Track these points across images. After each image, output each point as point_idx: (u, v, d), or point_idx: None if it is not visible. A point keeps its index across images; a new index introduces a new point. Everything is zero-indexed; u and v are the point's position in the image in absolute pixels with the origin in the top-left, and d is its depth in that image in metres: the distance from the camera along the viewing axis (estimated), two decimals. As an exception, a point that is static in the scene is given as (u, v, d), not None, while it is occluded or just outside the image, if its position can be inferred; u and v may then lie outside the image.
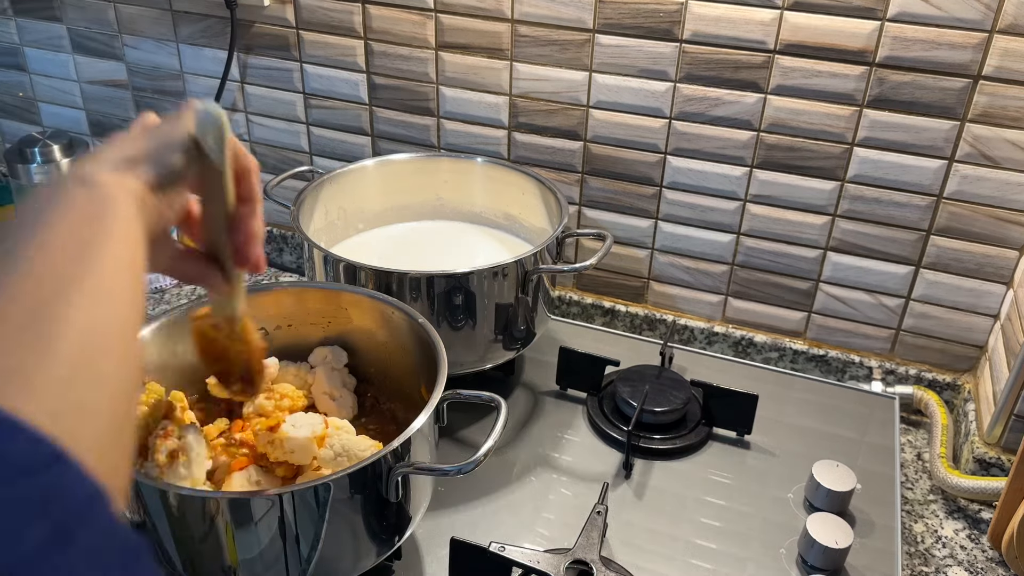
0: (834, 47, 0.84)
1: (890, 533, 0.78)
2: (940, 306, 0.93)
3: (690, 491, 0.82)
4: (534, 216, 0.98)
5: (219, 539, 0.58)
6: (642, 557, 0.74)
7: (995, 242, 0.88)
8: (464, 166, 1.02)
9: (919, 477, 0.88)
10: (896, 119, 0.85)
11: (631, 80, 0.93)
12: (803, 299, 0.99)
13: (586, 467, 0.84)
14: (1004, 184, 0.85)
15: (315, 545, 0.60)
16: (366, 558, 0.64)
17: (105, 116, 1.25)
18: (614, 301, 1.07)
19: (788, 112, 0.89)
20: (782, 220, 0.95)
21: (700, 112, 0.92)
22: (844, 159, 0.89)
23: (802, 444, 0.88)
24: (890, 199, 0.90)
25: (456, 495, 0.80)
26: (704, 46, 0.89)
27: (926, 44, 0.81)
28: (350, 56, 1.05)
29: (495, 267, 0.80)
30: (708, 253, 1.00)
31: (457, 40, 0.99)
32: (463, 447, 0.86)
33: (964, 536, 0.81)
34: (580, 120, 0.98)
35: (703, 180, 0.96)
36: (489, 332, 0.85)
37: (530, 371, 0.97)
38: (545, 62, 0.96)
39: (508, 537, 0.75)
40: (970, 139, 0.84)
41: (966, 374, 0.95)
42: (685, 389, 0.89)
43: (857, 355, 0.98)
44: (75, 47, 1.20)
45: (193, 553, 0.60)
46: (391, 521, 0.65)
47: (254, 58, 1.10)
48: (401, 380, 0.76)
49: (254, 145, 1.17)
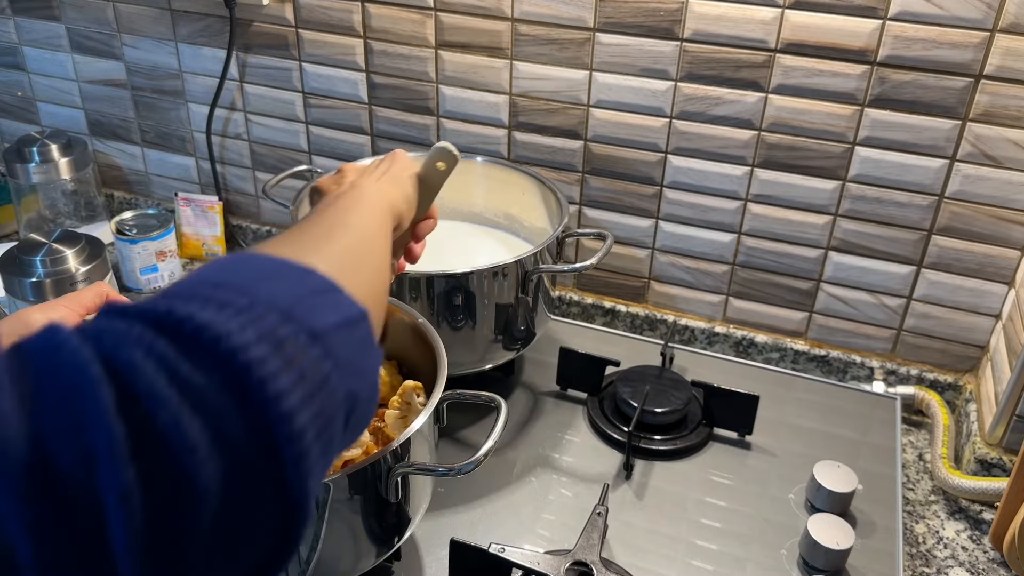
0: (835, 46, 0.84)
1: (891, 534, 0.77)
2: (942, 306, 0.93)
3: (691, 492, 0.82)
4: (534, 216, 0.98)
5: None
6: (643, 558, 0.74)
7: (997, 242, 0.87)
8: (464, 166, 1.00)
9: (920, 478, 0.87)
10: (897, 118, 0.85)
11: (632, 79, 0.93)
12: (804, 299, 0.98)
13: (586, 468, 0.84)
14: (1006, 184, 0.84)
15: (314, 545, 0.60)
16: (366, 558, 0.64)
17: (104, 116, 1.25)
18: (615, 301, 1.07)
19: (789, 111, 0.89)
20: (783, 220, 0.95)
21: (701, 111, 0.92)
22: (845, 158, 0.89)
23: (803, 445, 0.87)
24: (891, 199, 0.89)
25: (456, 496, 0.80)
26: (705, 45, 0.89)
27: (927, 43, 0.81)
28: (349, 55, 1.04)
29: (495, 267, 0.80)
30: (709, 253, 1.00)
31: (457, 39, 0.99)
32: (463, 448, 0.86)
33: (966, 537, 0.81)
34: (580, 119, 0.98)
35: (704, 180, 0.96)
36: (489, 332, 0.84)
37: (530, 371, 0.97)
38: (545, 61, 0.96)
39: (508, 538, 0.75)
40: (971, 139, 0.84)
41: (967, 374, 0.95)
42: (686, 390, 0.89)
43: (858, 355, 0.98)
44: (74, 46, 1.20)
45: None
46: (390, 522, 0.64)
47: (253, 57, 1.10)
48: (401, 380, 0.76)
49: (253, 144, 1.17)
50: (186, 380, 0.30)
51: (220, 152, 1.19)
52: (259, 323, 0.33)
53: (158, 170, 1.26)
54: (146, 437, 0.29)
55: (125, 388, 0.29)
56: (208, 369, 0.31)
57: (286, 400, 0.32)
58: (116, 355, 0.30)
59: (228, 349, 0.31)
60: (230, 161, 1.20)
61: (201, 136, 1.18)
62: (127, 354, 0.30)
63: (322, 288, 0.38)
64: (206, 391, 0.30)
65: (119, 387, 0.29)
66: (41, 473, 0.27)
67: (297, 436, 0.32)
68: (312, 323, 0.35)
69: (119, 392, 0.29)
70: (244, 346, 0.32)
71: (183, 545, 0.30)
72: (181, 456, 0.29)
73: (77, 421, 0.28)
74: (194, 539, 0.30)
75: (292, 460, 0.32)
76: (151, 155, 1.25)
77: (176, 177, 1.26)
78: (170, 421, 0.29)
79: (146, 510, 0.28)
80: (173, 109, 1.19)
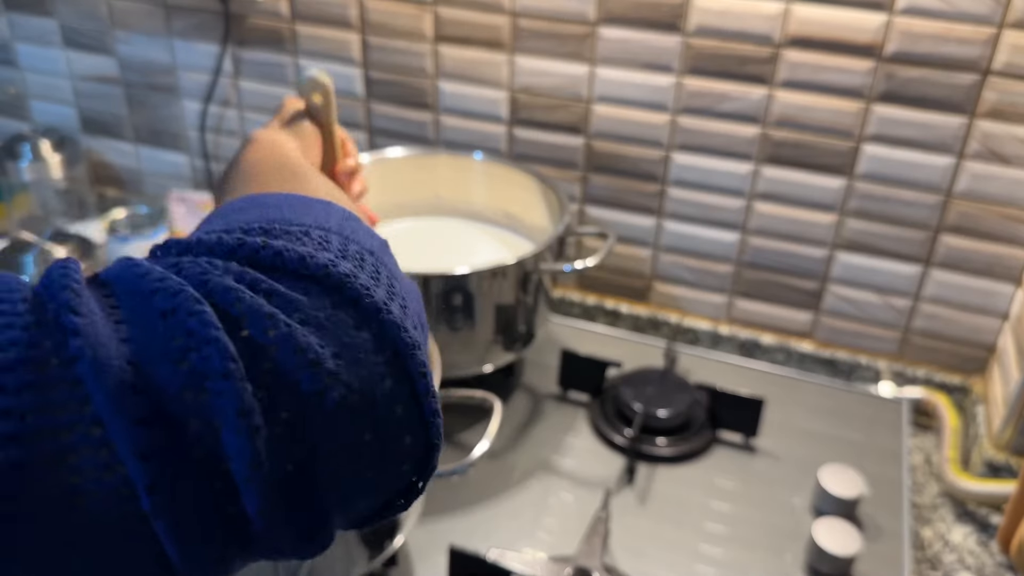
0: (842, 41, 0.83)
1: (898, 538, 0.77)
2: (949, 306, 0.92)
3: (694, 496, 0.81)
4: (535, 214, 0.96)
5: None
6: (645, 564, 0.73)
7: (1005, 241, 0.86)
8: (463, 163, 1.00)
9: (927, 481, 0.86)
10: (905, 115, 0.84)
11: (634, 74, 0.92)
12: (810, 299, 0.97)
13: (588, 472, 0.83)
14: (1014, 182, 0.83)
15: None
16: (357, 564, 0.63)
17: (97, 112, 1.23)
18: (617, 301, 1.06)
19: (795, 107, 0.87)
20: (789, 218, 0.93)
21: (705, 107, 0.91)
22: (852, 155, 0.88)
23: (809, 448, 0.86)
24: (898, 197, 0.88)
25: (455, 500, 0.79)
26: (709, 39, 0.87)
27: (935, 39, 0.80)
28: (345, 50, 1.03)
29: (494, 267, 0.79)
30: (713, 252, 0.99)
31: (456, 33, 0.97)
32: (462, 450, 0.84)
33: (973, 541, 0.80)
34: (582, 115, 0.96)
35: (708, 177, 0.94)
36: (488, 333, 0.83)
37: (531, 373, 0.95)
38: (546, 56, 0.94)
39: (508, 544, 0.73)
40: (979, 136, 0.82)
41: (975, 376, 0.94)
42: (690, 392, 0.88)
43: (865, 357, 0.97)
44: (66, 42, 1.19)
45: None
46: (382, 526, 0.63)
47: (248, 52, 1.08)
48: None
49: (248, 141, 1.15)
50: (288, 299, 0.29)
51: (214, 149, 1.18)
52: (327, 245, 0.32)
53: (151, 167, 1.25)
54: (259, 354, 0.27)
55: (224, 309, 0.27)
56: (305, 287, 0.29)
57: (390, 310, 0.31)
58: (205, 280, 0.28)
59: (317, 265, 0.30)
60: (224, 158, 1.18)
61: (195, 133, 1.17)
62: (217, 279, 0.28)
63: (348, 215, 0.36)
64: (312, 308, 0.29)
65: (217, 309, 0.27)
66: (147, 394, 0.26)
67: (413, 344, 0.31)
68: (364, 243, 0.34)
69: (220, 314, 0.27)
70: (332, 262, 0.30)
71: (312, 472, 0.28)
72: (302, 371, 0.27)
73: (183, 341, 0.26)
74: (325, 464, 0.28)
75: (417, 368, 0.31)
76: (144, 152, 1.24)
77: (169, 174, 1.24)
78: (283, 338, 0.27)
79: (270, 429, 0.27)
80: (166, 106, 1.18)
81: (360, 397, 0.29)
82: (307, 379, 0.28)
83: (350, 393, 0.29)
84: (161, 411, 0.26)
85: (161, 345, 0.26)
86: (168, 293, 0.27)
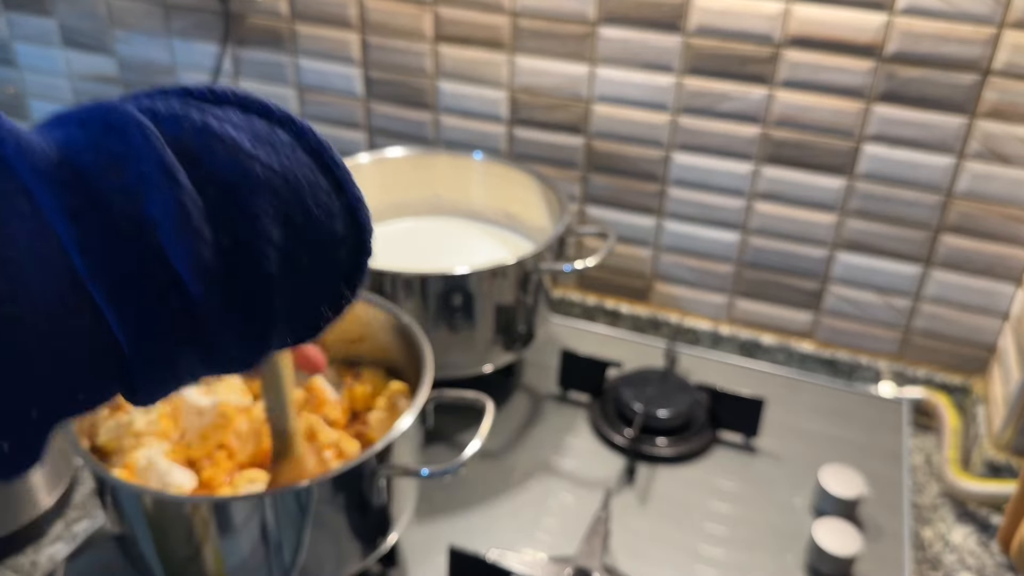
0: (842, 41, 0.83)
1: (898, 539, 0.76)
2: (950, 306, 0.91)
3: (695, 497, 0.80)
4: (535, 214, 0.96)
5: (199, 543, 0.57)
6: (645, 565, 0.73)
7: (1006, 241, 0.86)
8: (463, 162, 1.00)
9: (927, 481, 0.86)
10: (906, 115, 0.84)
11: (634, 74, 0.92)
12: (811, 299, 0.97)
13: (588, 472, 0.83)
14: (1015, 182, 0.83)
15: (297, 549, 0.59)
16: (350, 561, 0.63)
17: (96, 111, 1.23)
18: (617, 301, 1.06)
19: (796, 107, 0.87)
20: (789, 218, 0.93)
21: (705, 107, 0.91)
22: (852, 155, 0.88)
23: (809, 448, 0.86)
24: (899, 197, 0.88)
25: (454, 501, 0.79)
26: (709, 39, 0.87)
27: (936, 39, 0.80)
28: (345, 49, 1.03)
29: (494, 267, 0.79)
30: (713, 252, 0.98)
31: (455, 33, 0.97)
32: (457, 451, 0.84)
33: (973, 541, 0.80)
34: (582, 115, 0.96)
35: (708, 177, 0.94)
36: (488, 334, 0.83)
37: (530, 374, 0.95)
38: (546, 55, 0.94)
39: (508, 544, 0.73)
40: (980, 136, 0.82)
41: (976, 376, 0.94)
42: (690, 392, 0.88)
43: (866, 357, 0.97)
44: (66, 42, 1.18)
45: (173, 556, 0.59)
46: (373, 525, 0.63)
47: (247, 52, 1.08)
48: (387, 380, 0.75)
49: (248, 141, 1.15)
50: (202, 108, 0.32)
51: (214, 149, 1.18)
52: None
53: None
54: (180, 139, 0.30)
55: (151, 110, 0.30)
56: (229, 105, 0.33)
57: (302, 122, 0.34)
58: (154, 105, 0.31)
59: (239, 96, 0.33)
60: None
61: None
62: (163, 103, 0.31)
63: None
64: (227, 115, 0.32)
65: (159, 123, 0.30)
66: (71, 166, 0.28)
67: (328, 144, 0.34)
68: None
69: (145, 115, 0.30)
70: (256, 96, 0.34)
71: (249, 251, 0.30)
72: (220, 148, 0.30)
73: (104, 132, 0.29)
74: (262, 245, 0.31)
75: (335, 159, 0.34)
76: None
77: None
78: (200, 126, 0.30)
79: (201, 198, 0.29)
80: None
81: (283, 180, 0.32)
82: (227, 159, 0.30)
83: (273, 174, 0.31)
84: (83, 175, 0.28)
85: (85, 137, 0.29)
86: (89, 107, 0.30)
